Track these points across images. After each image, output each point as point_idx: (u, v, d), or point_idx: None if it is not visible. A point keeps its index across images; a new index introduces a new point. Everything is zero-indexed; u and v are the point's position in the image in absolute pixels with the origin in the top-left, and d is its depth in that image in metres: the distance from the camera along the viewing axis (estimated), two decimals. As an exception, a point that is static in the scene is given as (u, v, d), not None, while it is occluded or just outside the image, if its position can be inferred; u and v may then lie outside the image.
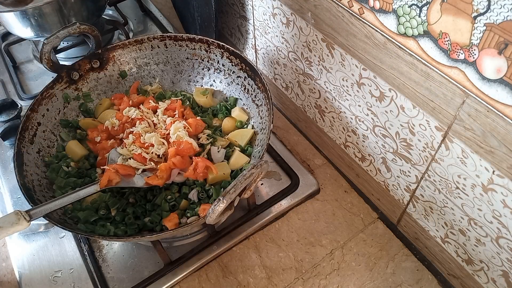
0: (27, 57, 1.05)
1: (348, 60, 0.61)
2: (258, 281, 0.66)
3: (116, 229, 0.62)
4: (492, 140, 0.44)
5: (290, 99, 0.84)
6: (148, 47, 0.81)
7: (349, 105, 0.66)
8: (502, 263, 0.52)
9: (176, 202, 0.65)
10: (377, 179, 0.69)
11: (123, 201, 0.66)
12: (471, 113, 0.45)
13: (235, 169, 0.69)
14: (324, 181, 0.78)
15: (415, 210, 0.64)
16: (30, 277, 0.68)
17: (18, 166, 0.63)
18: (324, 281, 0.66)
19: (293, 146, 0.84)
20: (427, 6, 0.44)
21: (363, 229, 0.71)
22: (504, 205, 0.47)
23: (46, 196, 0.65)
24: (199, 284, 0.66)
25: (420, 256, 0.68)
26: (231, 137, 0.73)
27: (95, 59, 0.78)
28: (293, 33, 0.71)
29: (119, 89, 0.82)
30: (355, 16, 0.55)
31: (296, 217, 0.73)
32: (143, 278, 0.66)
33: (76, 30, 0.72)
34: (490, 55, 0.40)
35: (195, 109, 0.78)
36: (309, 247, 0.69)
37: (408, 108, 0.54)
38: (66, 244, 0.71)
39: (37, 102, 0.71)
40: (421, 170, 0.58)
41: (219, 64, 0.79)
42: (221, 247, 0.69)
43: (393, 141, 0.60)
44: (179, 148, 0.66)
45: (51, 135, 0.73)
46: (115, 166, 0.63)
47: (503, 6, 0.37)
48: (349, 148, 0.73)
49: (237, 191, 0.51)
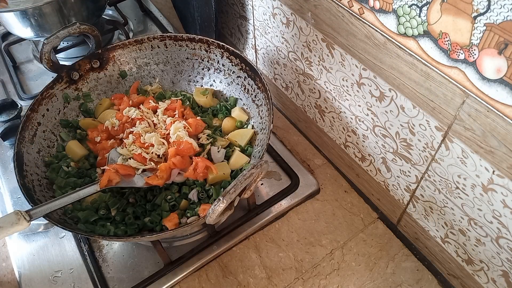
0: (27, 57, 1.05)
1: (348, 60, 0.61)
2: (258, 281, 0.66)
3: (116, 229, 0.62)
4: (492, 140, 0.44)
5: (290, 99, 0.84)
6: (148, 47, 0.81)
7: (349, 105, 0.66)
8: (502, 263, 0.52)
9: (176, 202, 0.65)
10: (377, 179, 0.69)
11: (123, 201, 0.66)
12: (471, 113, 0.45)
13: (235, 169, 0.69)
14: (324, 181, 0.78)
15: (415, 210, 0.64)
16: (30, 277, 0.68)
17: (18, 166, 0.63)
18: (324, 281, 0.66)
19: (293, 146, 0.84)
20: (427, 6, 0.44)
21: (363, 229, 0.71)
22: (504, 205, 0.47)
23: (46, 196, 0.65)
24: (199, 284, 0.66)
25: (420, 256, 0.68)
26: (231, 137, 0.73)
27: (95, 59, 0.78)
28: (293, 33, 0.71)
29: (119, 89, 0.82)
30: (355, 16, 0.55)
31: (296, 217, 0.73)
32: (143, 278, 0.66)
33: (76, 30, 0.72)
34: (490, 55, 0.40)
35: (195, 109, 0.78)
36: (309, 247, 0.69)
37: (408, 108, 0.54)
38: (66, 244, 0.71)
39: (37, 102, 0.71)
40: (421, 170, 0.58)
41: (219, 64, 0.79)
42: (221, 247, 0.69)
43: (393, 141, 0.60)
44: (179, 148, 0.66)
45: (51, 135, 0.73)
46: (115, 166, 0.64)
47: (503, 6, 0.37)
48: (349, 148, 0.73)
49: (237, 191, 0.51)
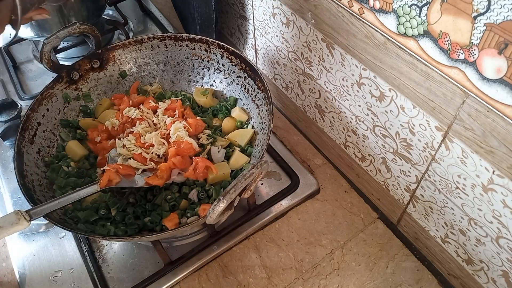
0: (27, 57, 1.05)
1: (348, 60, 0.61)
2: (258, 281, 0.66)
3: (116, 229, 0.62)
4: (492, 140, 0.44)
5: (290, 99, 0.84)
6: (148, 47, 0.81)
7: (349, 105, 0.66)
8: (502, 263, 0.52)
9: (176, 202, 0.65)
10: (377, 179, 0.69)
11: (123, 201, 0.66)
12: (471, 113, 0.45)
13: (235, 169, 0.69)
14: (324, 181, 0.78)
15: (415, 210, 0.64)
16: (30, 277, 0.68)
17: (18, 166, 0.63)
18: (324, 281, 0.66)
19: (293, 146, 0.84)
20: (427, 6, 0.44)
21: (363, 229, 0.71)
22: (504, 205, 0.47)
23: (46, 196, 0.65)
24: (199, 284, 0.66)
25: (420, 256, 0.68)
26: (231, 137, 0.73)
27: (95, 59, 0.78)
28: (293, 33, 0.71)
29: (119, 89, 0.82)
30: (355, 16, 0.55)
31: (296, 217, 0.73)
32: (143, 278, 0.66)
33: (76, 30, 0.72)
34: (490, 55, 0.40)
35: (195, 109, 0.78)
36: (309, 247, 0.69)
37: (408, 108, 0.54)
38: (66, 244, 0.71)
39: (37, 102, 0.71)
40: (421, 170, 0.58)
41: (219, 64, 0.79)
42: (221, 247, 0.69)
43: (393, 141, 0.60)
44: (179, 148, 0.66)
45: (51, 135, 0.73)
46: (115, 166, 0.64)
47: (503, 6, 0.37)
48: (349, 148, 0.73)
49: (237, 191, 0.51)
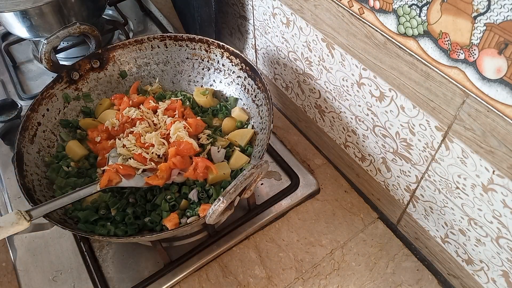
0: (27, 57, 1.05)
1: (348, 60, 0.61)
2: (258, 281, 0.66)
3: (116, 229, 0.62)
4: (492, 140, 0.44)
5: (290, 99, 0.84)
6: (148, 47, 0.81)
7: (349, 105, 0.66)
8: (502, 263, 0.52)
9: (176, 202, 0.65)
10: (377, 179, 0.69)
11: (123, 201, 0.66)
12: (471, 113, 0.45)
13: (235, 169, 0.69)
14: (324, 181, 0.78)
15: (415, 210, 0.64)
16: (30, 277, 0.68)
17: (18, 166, 0.63)
18: (324, 281, 0.66)
19: (293, 146, 0.84)
20: (427, 6, 0.44)
21: (363, 229, 0.71)
22: (504, 205, 0.47)
23: (46, 196, 0.65)
24: (199, 284, 0.66)
25: (420, 256, 0.68)
26: (231, 137, 0.73)
27: (95, 59, 0.78)
28: (293, 33, 0.71)
29: (119, 89, 0.82)
30: (355, 16, 0.55)
31: (296, 217, 0.73)
32: (143, 278, 0.66)
33: (76, 30, 0.72)
34: (490, 55, 0.40)
35: (195, 109, 0.78)
36: (309, 247, 0.69)
37: (408, 108, 0.54)
38: (66, 244, 0.71)
39: (37, 102, 0.71)
40: (421, 170, 0.58)
41: (219, 64, 0.79)
42: (221, 247, 0.69)
43: (393, 141, 0.60)
44: (179, 148, 0.66)
45: (51, 135, 0.73)
46: (115, 166, 0.64)
47: (503, 6, 0.37)
48: (349, 148, 0.73)
49: (237, 191, 0.51)
